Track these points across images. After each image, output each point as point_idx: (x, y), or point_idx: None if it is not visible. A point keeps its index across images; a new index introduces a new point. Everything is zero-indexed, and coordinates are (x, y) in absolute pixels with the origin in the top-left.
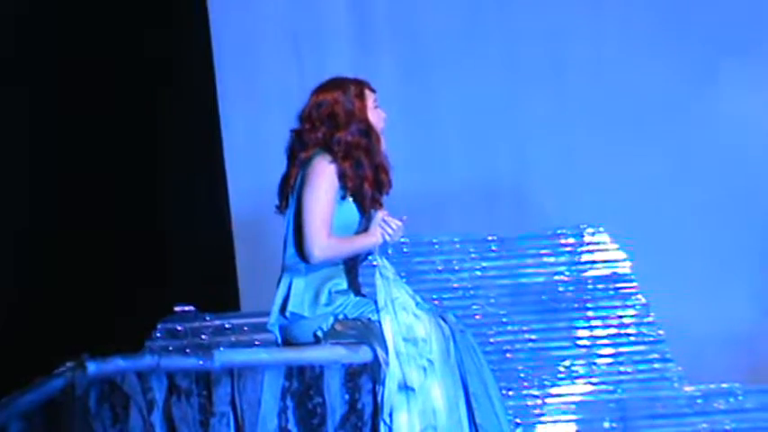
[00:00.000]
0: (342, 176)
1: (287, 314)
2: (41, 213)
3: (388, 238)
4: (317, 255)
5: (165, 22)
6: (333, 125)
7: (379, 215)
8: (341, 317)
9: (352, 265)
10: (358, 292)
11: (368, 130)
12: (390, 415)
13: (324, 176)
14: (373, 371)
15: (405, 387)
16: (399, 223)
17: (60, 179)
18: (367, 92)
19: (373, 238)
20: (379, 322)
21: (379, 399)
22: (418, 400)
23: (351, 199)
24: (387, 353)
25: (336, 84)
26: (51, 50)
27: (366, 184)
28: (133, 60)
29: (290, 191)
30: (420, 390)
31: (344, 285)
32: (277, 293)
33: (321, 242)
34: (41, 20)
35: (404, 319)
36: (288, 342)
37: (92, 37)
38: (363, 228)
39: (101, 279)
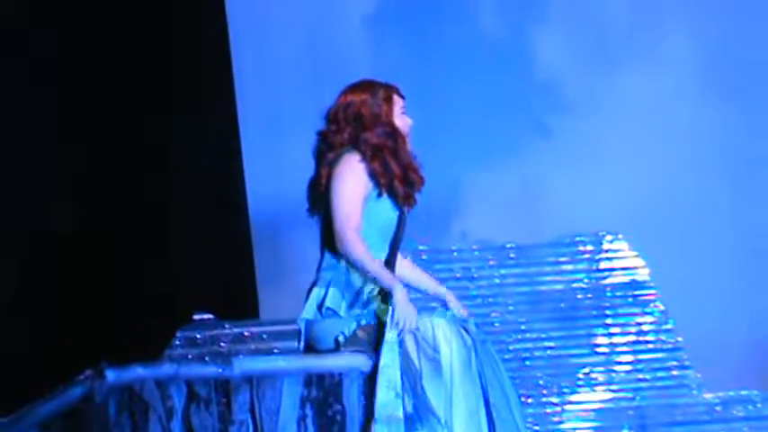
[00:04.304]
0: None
1: (323, 310)
2: (62, 220)
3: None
4: (340, 247)
5: (185, 22)
6: (358, 126)
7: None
8: (363, 322)
9: (389, 268)
10: (386, 299)
11: (393, 133)
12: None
13: (352, 172)
14: None
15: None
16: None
17: (79, 184)
18: (395, 97)
19: (398, 292)
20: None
21: None
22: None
23: (386, 196)
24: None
25: (366, 86)
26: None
27: (397, 182)
28: (148, 61)
29: (321, 191)
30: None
31: (377, 289)
32: (314, 291)
33: (350, 233)
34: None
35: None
36: (308, 342)
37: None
38: (401, 226)
39: (120, 287)
